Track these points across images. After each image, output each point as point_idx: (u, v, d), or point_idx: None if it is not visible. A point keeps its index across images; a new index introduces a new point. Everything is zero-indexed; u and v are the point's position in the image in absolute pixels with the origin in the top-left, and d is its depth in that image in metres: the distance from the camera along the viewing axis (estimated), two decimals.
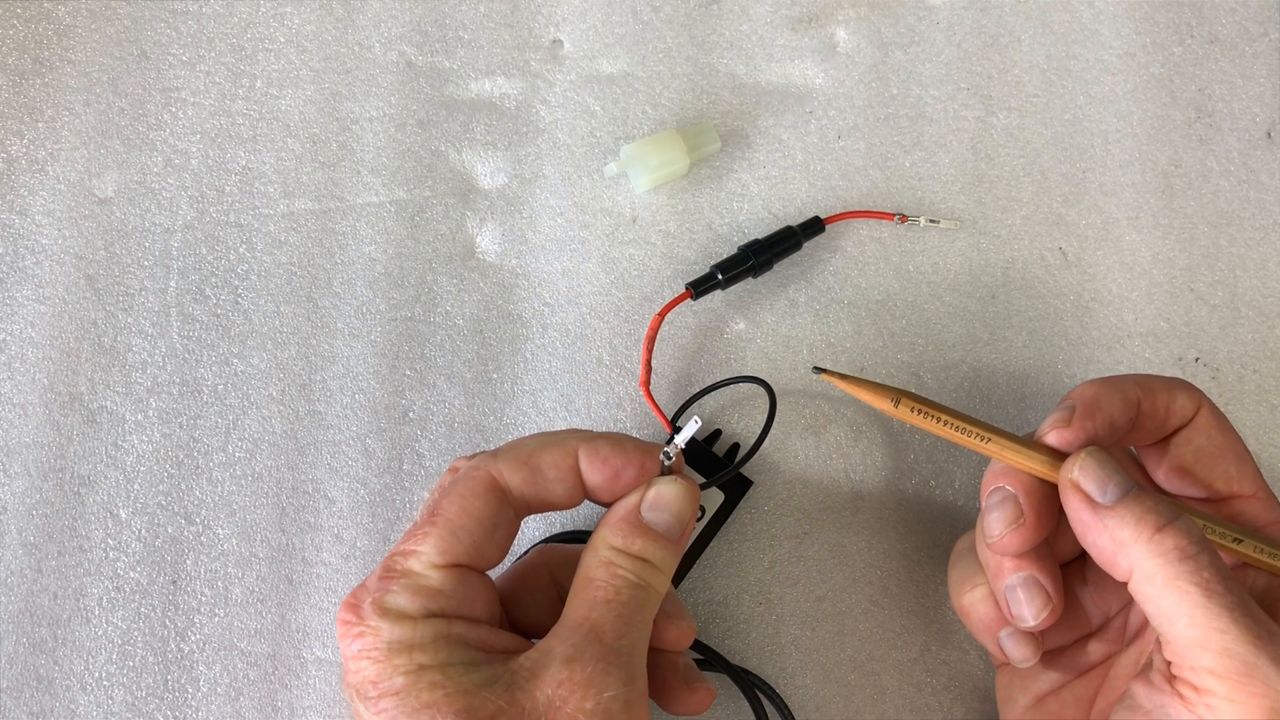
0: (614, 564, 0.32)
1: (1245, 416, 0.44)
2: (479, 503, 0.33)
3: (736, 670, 0.40)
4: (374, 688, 0.30)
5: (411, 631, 0.31)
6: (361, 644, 0.31)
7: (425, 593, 0.31)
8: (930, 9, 0.49)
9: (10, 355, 0.44)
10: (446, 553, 0.32)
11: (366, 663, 0.30)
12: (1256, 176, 0.47)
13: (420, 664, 0.30)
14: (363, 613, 0.31)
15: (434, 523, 0.32)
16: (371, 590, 0.32)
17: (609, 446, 0.34)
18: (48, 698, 0.41)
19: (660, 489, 0.34)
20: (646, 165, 0.45)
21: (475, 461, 0.34)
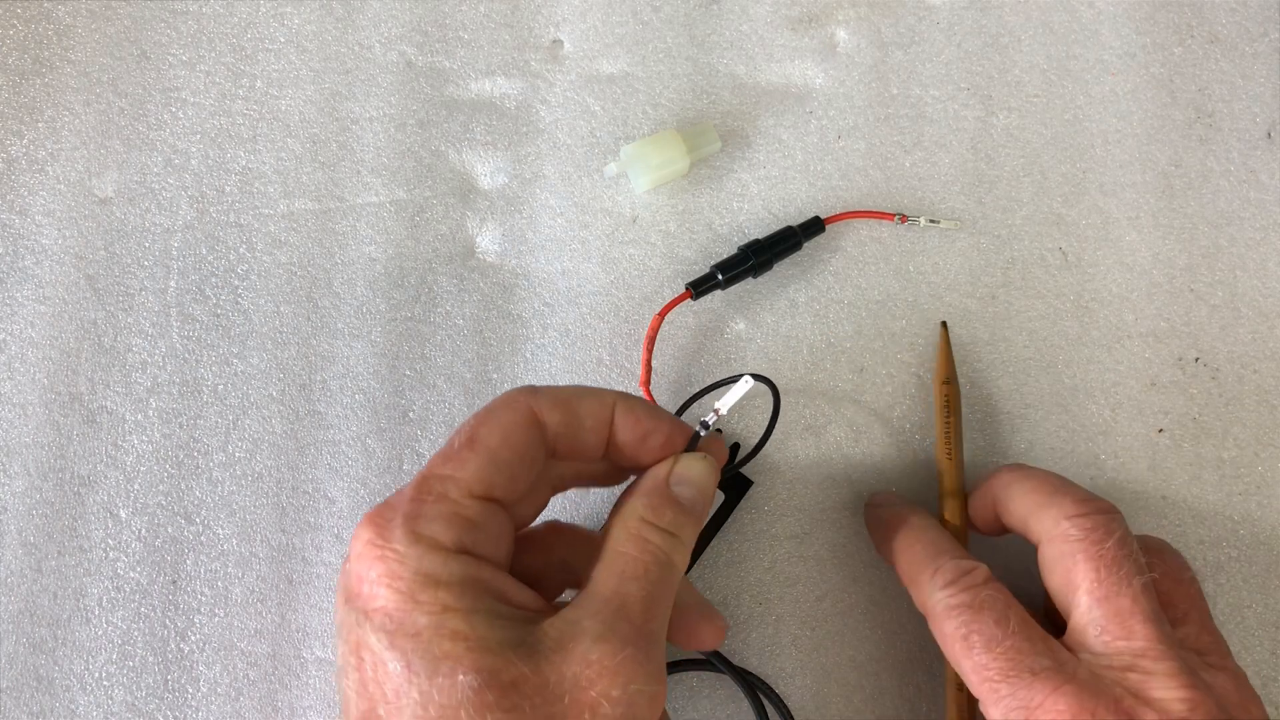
0: (644, 537, 0.32)
1: (1245, 416, 0.44)
2: (519, 434, 0.31)
3: (736, 670, 0.40)
4: (390, 620, 0.28)
5: (442, 565, 0.29)
6: (385, 568, 0.28)
7: (460, 523, 0.29)
8: (930, 9, 0.49)
9: (10, 355, 0.44)
10: (484, 483, 0.30)
11: (387, 590, 0.28)
12: (1256, 176, 0.47)
13: (445, 605, 0.28)
14: (391, 534, 0.29)
15: (473, 449, 0.31)
16: (402, 510, 0.29)
17: (644, 408, 0.34)
18: (48, 698, 0.41)
19: (689, 463, 0.34)
20: (646, 165, 0.45)
21: (511, 392, 0.32)
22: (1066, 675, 0.32)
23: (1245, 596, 0.43)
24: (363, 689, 0.28)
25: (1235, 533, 0.43)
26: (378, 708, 0.28)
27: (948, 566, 0.36)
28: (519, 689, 0.28)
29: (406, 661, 0.27)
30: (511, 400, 0.32)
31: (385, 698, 0.28)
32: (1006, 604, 0.34)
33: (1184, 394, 0.45)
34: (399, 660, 0.28)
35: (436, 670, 0.27)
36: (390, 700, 0.28)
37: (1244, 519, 0.43)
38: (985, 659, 0.33)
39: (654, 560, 0.31)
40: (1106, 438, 0.44)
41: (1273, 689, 0.42)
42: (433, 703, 0.27)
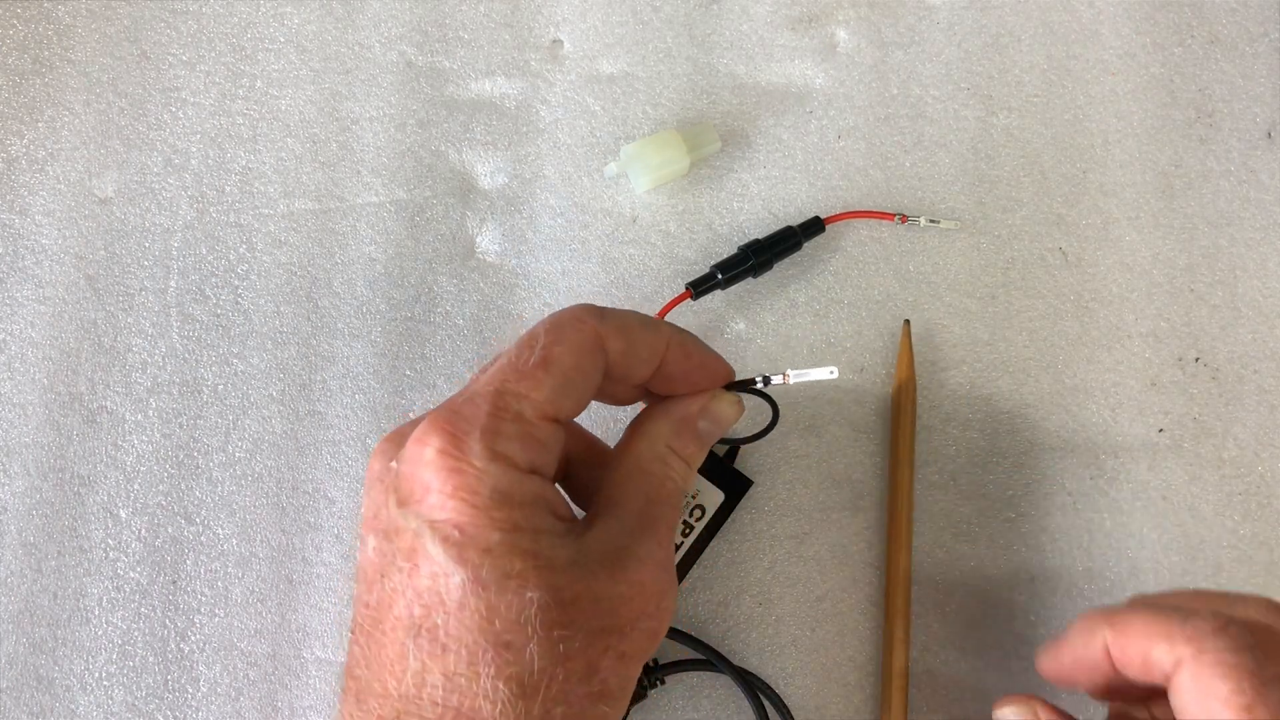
0: (668, 463, 0.33)
1: (1245, 416, 0.44)
2: (589, 360, 0.31)
3: (737, 670, 0.40)
4: (461, 533, 0.28)
5: (517, 485, 0.29)
6: (461, 481, 0.28)
7: (534, 444, 0.30)
8: (930, 9, 0.49)
9: (10, 355, 0.44)
10: (556, 405, 0.30)
11: (459, 504, 0.28)
12: (1256, 176, 0.47)
13: (516, 524, 0.28)
14: (468, 448, 0.29)
15: (548, 369, 0.30)
16: (479, 425, 0.29)
17: (694, 344, 0.35)
18: (48, 698, 0.41)
19: (722, 404, 0.35)
20: (646, 165, 0.45)
21: (580, 313, 0.32)
22: None
23: None
24: (417, 595, 0.28)
25: (1235, 533, 0.43)
26: (433, 614, 0.28)
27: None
28: (577, 604, 0.29)
29: (475, 575, 0.28)
30: (580, 321, 0.32)
31: (445, 606, 0.28)
32: None
33: (1184, 394, 0.45)
34: (466, 572, 0.28)
35: (505, 587, 0.28)
36: (451, 609, 0.28)
37: (1244, 519, 0.43)
38: None
39: (676, 487, 0.33)
40: (1106, 438, 0.44)
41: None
42: (499, 616, 0.28)
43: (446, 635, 0.28)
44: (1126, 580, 0.43)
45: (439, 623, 0.28)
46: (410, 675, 0.28)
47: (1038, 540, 0.43)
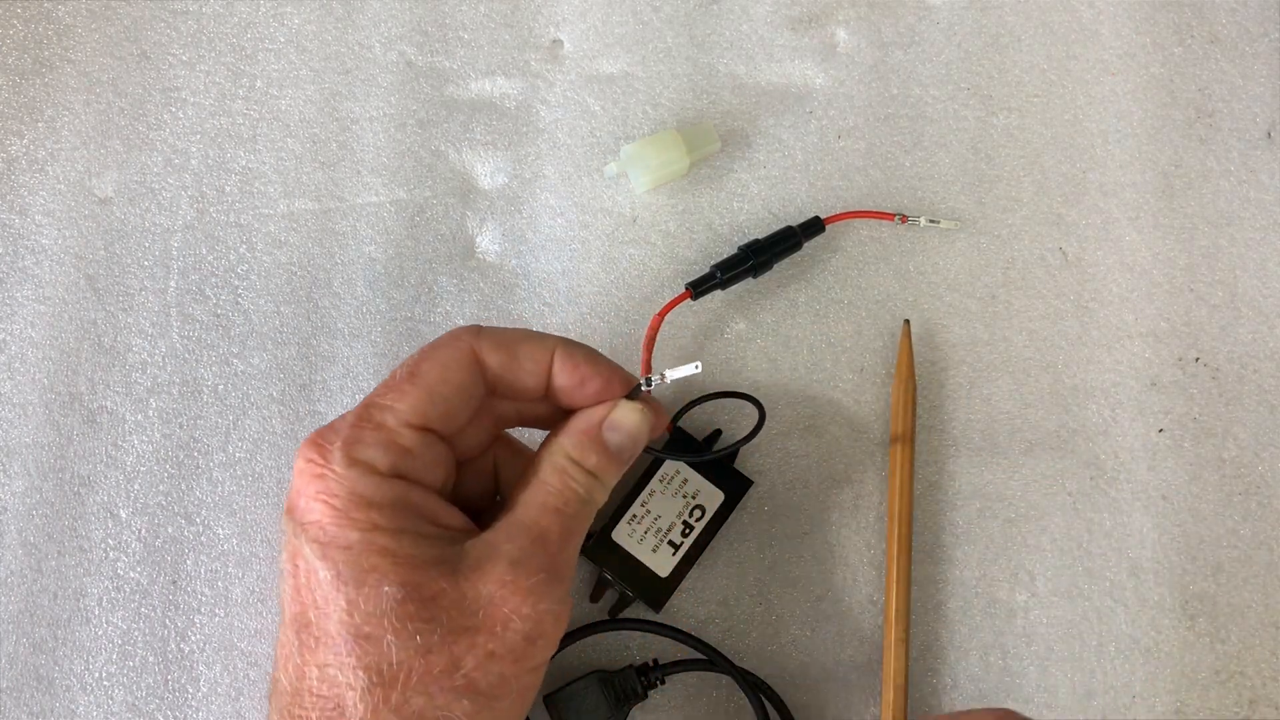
0: (568, 473, 0.34)
1: (1245, 416, 0.44)
2: (459, 373, 0.33)
3: (737, 670, 0.40)
4: (324, 534, 0.30)
5: (375, 488, 0.31)
6: (322, 486, 0.31)
7: (395, 450, 0.32)
8: (930, 9, 0.49)
9: (10, 355, 0.44)
10: (421, 414, 0.32)
11: (322, 506, 0.31)
12: (1256, 176, 0.47)
13: (375, 523, 0.30)
14: (330, 455, 0.31)
15: (414, 382, 0.33)
16: (342, 435, 0.32)
17: (583, 355, 0.35)
18: (48, 698, 0.41)
19: (623, 411, 0.35)
20: (646, 165, 0.45)
21: (456, 331, 0.34)
22: None
23: (1245, 596, 0.43)
24: (296, 593, 0.31)
25: (1235, 533, 0.43)
26: (308, 611, 0.31)
27: None
28: (438, 602, 0.30)
29: (336, 571, 0.30)
30: (455, 338, 0.34)
31: (315, 603, 0.30)
32: None
33: (1184, 394, 0.45)
34: (329, 569, 0.30)
35: (364, 581, 0.30)
36: (319, 605, 0.30)
37: (1244, 519, 0.43)
38: None
39: (574, 496, 0.34)
40: (1106, 438, 0.44)
41: (1273, 688, 0.42)
42: (358, 610, 0.30)
43: (319, 629, 0.30)
44: (1126, 580, 0.43)
45: (312, 618, 0.30)
46: (293, 669, 0.31)
47: (1038, 540, 0.43)
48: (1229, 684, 0.42)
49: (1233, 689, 0.42)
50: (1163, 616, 0.42)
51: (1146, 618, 0.42)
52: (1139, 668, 0.42)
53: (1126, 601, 0.43)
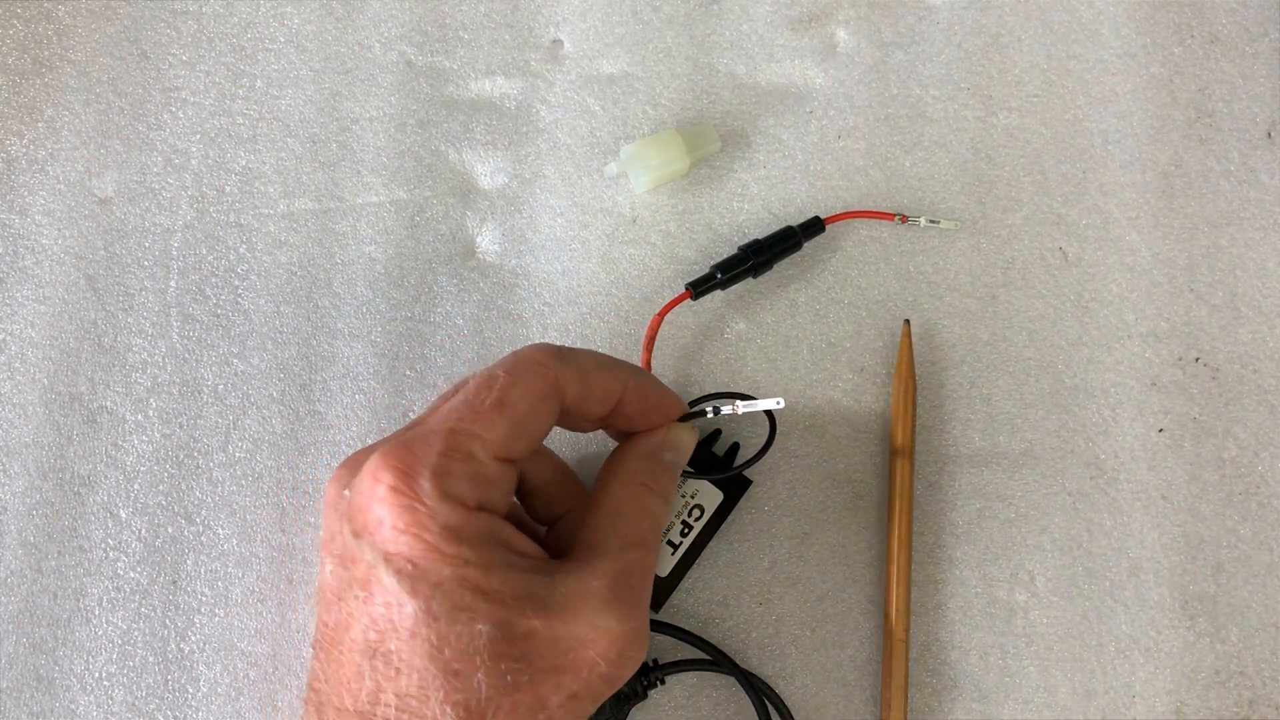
0: (644, 502, 0.34)
1: (1245, 416, 0.44)
2: (544, 404, 0.33)
3: (738, 670, 0.40)
4: (413, 567, 0.29)
5: (465, 522, 0.30)
6: (413, 519, 0.29)
7: (483, 483, 0.31)
8: (930, 9, 0.49)
9: (10, 355, 0.44)
10: (508, 447, 0.32)
11: (412, 539, 0.29)
12: (1256, 176, 0.47)
13: (466, 559, 0.30)
14: (420, 487, 0.30)
15: (502, 411, 0.31)
16: (430, 464, 0.30)
17: (652, 386, 0.36)
18: (48, 698, 0.41)
19: (680, 434, 0.37)
20: (646, 165, 0.45)
21: (540, 356, 0.33)
22: None
23: (1245, 596, 0.43)
24: (372, 621, 0.30)
25: (1235, 533, 0.43)
26: (388, 640, 0.29)
27: None
28: (530, 641, 0.30)
29: (426, 606, 0.29)
30: (539, 365, 0.33)
31: (398, 634, 0.29)
32: None
33: (1184, 394, 0.45)
34: (418, 604, 0.29)
35: (456, 619, 0.29)
36: (404, 637, 0.29)
37: (1244, 519, 0.43)
38: None
39: (651, 527, 0.34)
40: (1106, 438, 0.44)
41: (1273, 689, 0.42)
42: (449, 646, 0.29)
43: (400, 660, 0.29)
44: (1126, 580, 0.43)
45: (393, 648, 0.29)
46: (365, 693, 0.30)
47: (1038, 540, 0.43)
48: (1229, 684, 0.42)
49: (1233, 689, 0.42)
50: (1163, 616, 0.42)
51: (1146, 618, 0.42)
52: (1139, 668, 0.42)
53: (1126, 601, 0.43)
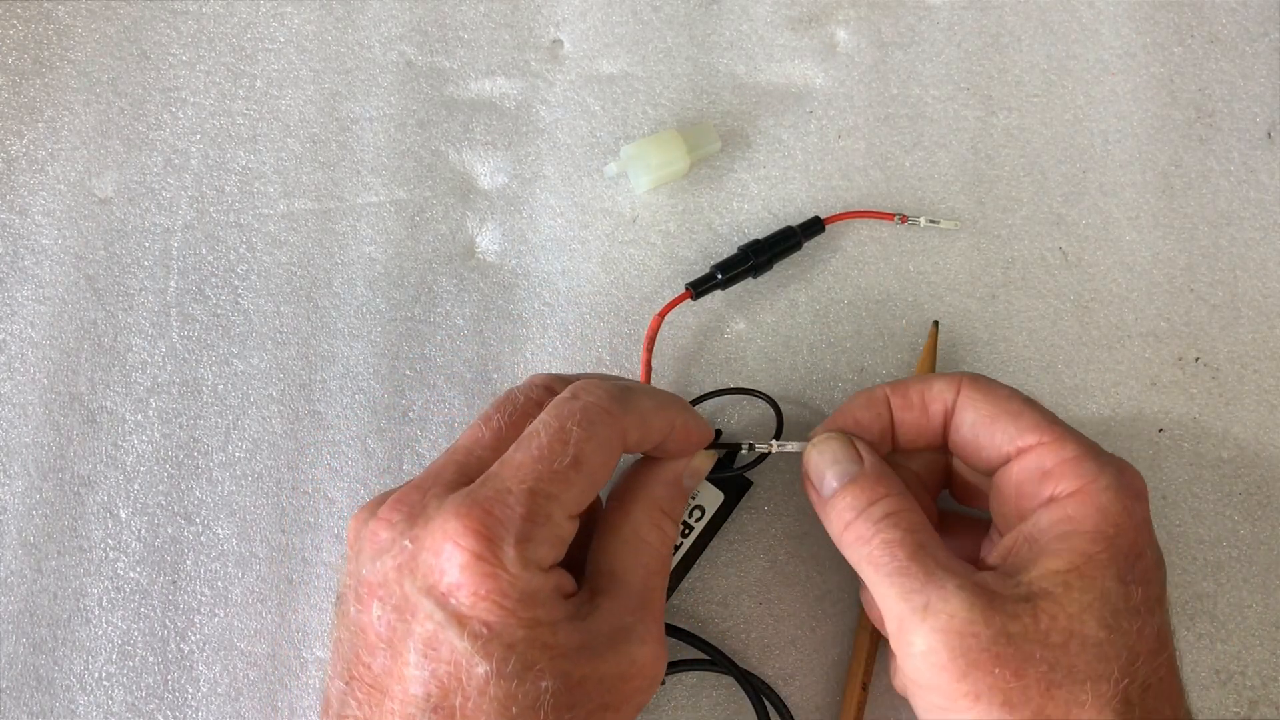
0: (663, 528, 0.35)
1: (1245, 416, 0.44)
2: (613, 458, 0.33)
3: (737, 670, 0.40)
4: (488, 630, 0.29)
5: (542, 583, 0.31)
6: (494, 586, 0.30)
7: (559, 544, 0.32)
8: (930, 9, 0.49)
9: (10, 355, 0.44)
10: (581, 504, 0.32)
11: (491, 605, 0.30)
12: (1256, 176, 0.47)
13: (537, 619, 0.30)
14: (504, 556, 0.30)
15: (579, 470, 0.32)
16: (515, 530, 0.30)
17: (694, 421, 0.36)
18: (48, 698, 0.41)
19: (703, 460, 0.38)
20: (646, 165, 0.45)
21: (608, 405, 0.33)
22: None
23: (1245, 596, 0.42)
24: (435, 677, 0.30)
25: (1235, 533, 0.43)
26: (451, 698, 0.30)
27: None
28: (583, 686, 0.31)
29: (497, 668, 0.29)
30: (608, 416, 0.33)
31: (464, 691, 0.30)
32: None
33: (1184, 394, 0.45)
34: (488, 664, 0.29)
35: (525, 677, 0.30)
36: (471, 695, 0.29)
37: (1244, 519, 0.43)
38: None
39: (670, 549, 0.36)
40: (1106, 438, 0.44)
41: (1273, 689, 0.42)
42: (516, 703, 0.30)
43: (463, 716, 0.30)
44: None
45: (456, 705, 0.30)
46: None
47: None
48: (1229, 684, 0.42)
49: (1233, 689, 0.42)
50: None
51: None
52: None
53: None
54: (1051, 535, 0.33)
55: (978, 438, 0.36)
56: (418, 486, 0.33)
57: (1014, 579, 0.32)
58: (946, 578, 0.32)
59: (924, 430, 0.37)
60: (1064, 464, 0.34)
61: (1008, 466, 0.35)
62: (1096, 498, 0.33)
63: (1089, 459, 0.34)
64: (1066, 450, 0.34)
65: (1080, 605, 0.31)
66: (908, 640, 0.32)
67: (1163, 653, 0.32)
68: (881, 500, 0.35)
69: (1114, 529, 0.32)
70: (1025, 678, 0.30)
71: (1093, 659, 0.30)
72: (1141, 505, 0.33)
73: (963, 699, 0.31)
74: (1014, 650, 0.30)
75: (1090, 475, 0.33)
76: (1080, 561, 0.31)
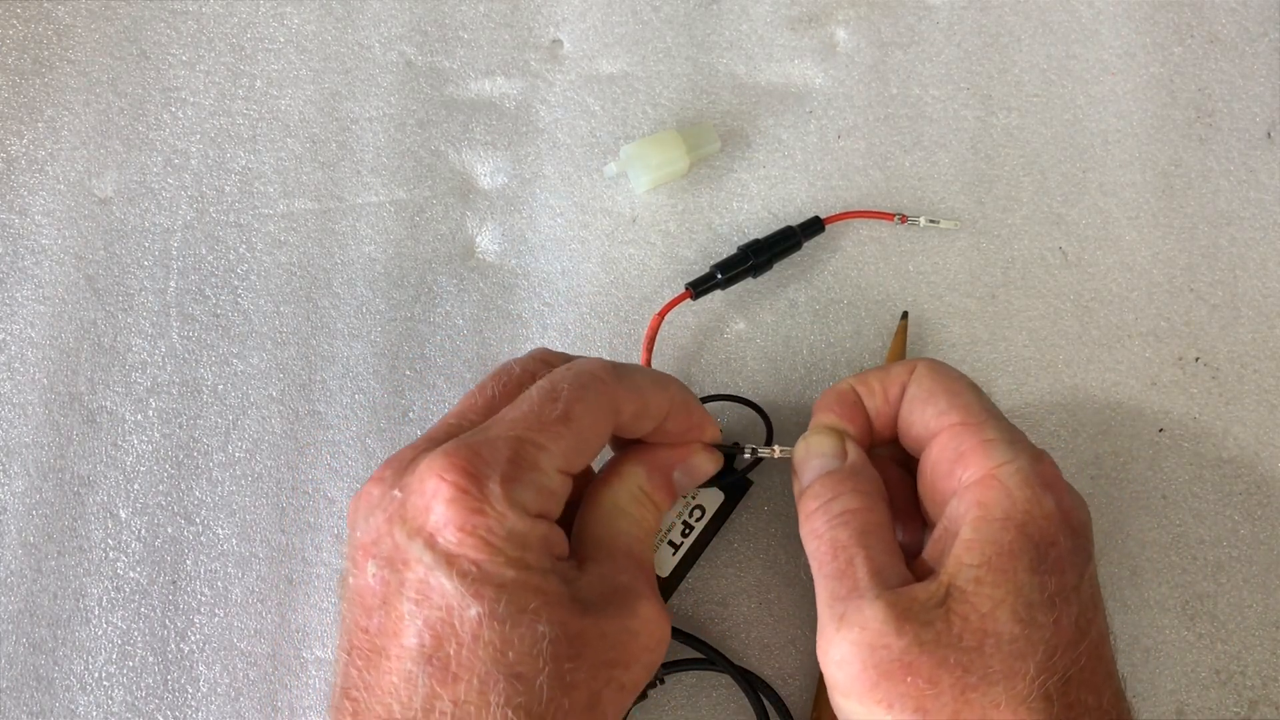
0: (644, 505, 0.35)
1: (1245, 416, 0.44)
2: (604, 422, 0.33)
3: (737, 670, 0.40)
4: (476, 569, 0.29)
5: (530, 528, 0.30)
6: (481, 522, 0.30)
7: (545, 494, 0.31)
8: (930, 9, 0.49)
9: (10, 355, 0.44)
10: (570, 461, 0.32)
11: (477, 541, 0.29)
12: (1256, 176, 0.47)
13: (528, 563, 0.30)
14: (489, 492, 0.30)
15: (568, 425, 0.32)
16: (500, 469, 0.30)
17: (694, 407, 0.36)
18: (48, 698, 0.41)
19: (702, 460, 0.37)
20: (646, 165, 0.45)
21: (600, 373, 0.33)
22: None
23: (1245, 596, 0.42)
24: (428, 625, 0.29)
25: (1235, 533, 0.43)
26: (445, 645, 0.29)
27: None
28: (583, 638, 0.31)
29: (491, 609, 0.29)
30: (601, 383, 0.33)
31: (458, 637, 0.29)
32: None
33: (1184, 394, 0.45)
34: (481, 606, 0.29)
35: (520, 621, 0.29)
36: (465, 641, 0.29)
37: (1244, 519, 0.43)
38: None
39: (650, 527, 0.36)
40: (1106, 438, 0.44)
41: (1273, 689, 0.42)
42: (513, 648, 0.29)
43: (458, 665, 0.29)
44: (1127, 581, 0.43)
45: (451, 653, 0.29)
46: (419, 700, 0.29)
47: None
48: (1229, 684, 0.42)
49: (1233, 689, 0.42)
50: (1163, 616, 0.42)
51: (1146, 618, 0.42)
52: (1139, 668, 0.42)
53: (1126, 601, 0.42)
54: (964, 522, 0.32)
55: (911, 414, 0.36)
56: (411, 448, 0.33)
57: (935, 579, 0.32)
58: (870, 587, 0.32)
59: (889, 418, 0.37)
60: (977, 446, 0.33)
61: (929, 446, 0.35)
62: (1005, 483, 0.32)
63: (1002, 444, 0.33)
64: (984, 433, 0.34)
65: (993, 601, 0.31)
66: (825, 647, 0.32)
67: (1082, 641, 0.31)
68: (842, 496, 0.35)
69: (1023, 515, 0.32)
70: (939, 684, 0.30)
71: (1008, 657, 0.30)
72: (1052, 495, 0.33)
73: (876, 705, 0.31)
74: (927, 658, 0.30)
75: (1000, 459, 0.33)
76: (992, 553, 0.31)
